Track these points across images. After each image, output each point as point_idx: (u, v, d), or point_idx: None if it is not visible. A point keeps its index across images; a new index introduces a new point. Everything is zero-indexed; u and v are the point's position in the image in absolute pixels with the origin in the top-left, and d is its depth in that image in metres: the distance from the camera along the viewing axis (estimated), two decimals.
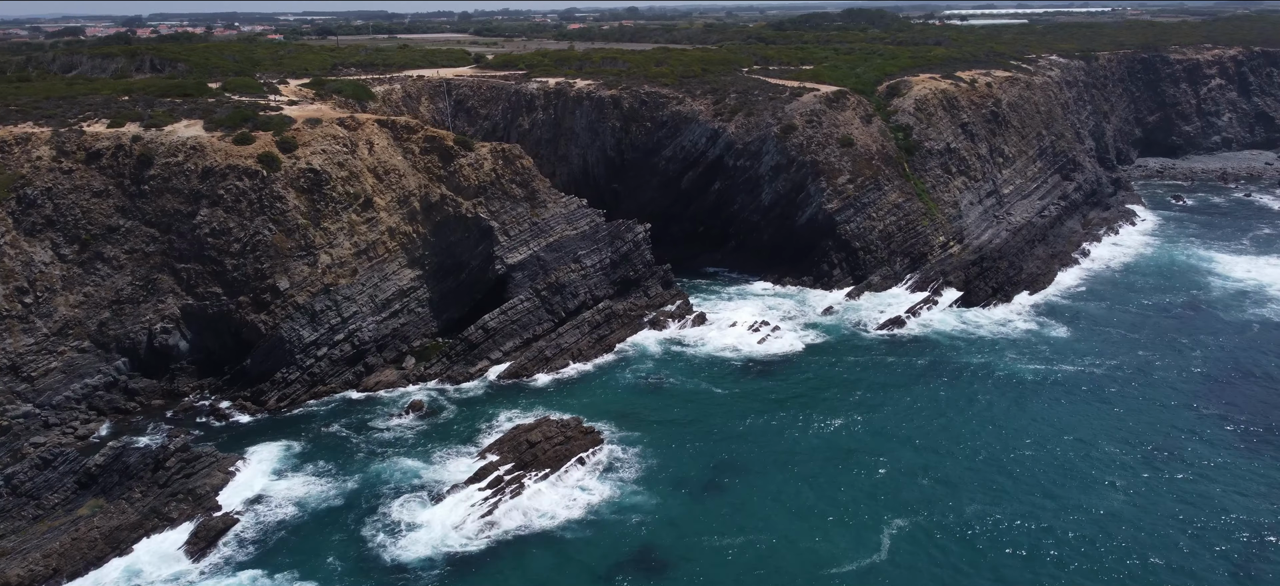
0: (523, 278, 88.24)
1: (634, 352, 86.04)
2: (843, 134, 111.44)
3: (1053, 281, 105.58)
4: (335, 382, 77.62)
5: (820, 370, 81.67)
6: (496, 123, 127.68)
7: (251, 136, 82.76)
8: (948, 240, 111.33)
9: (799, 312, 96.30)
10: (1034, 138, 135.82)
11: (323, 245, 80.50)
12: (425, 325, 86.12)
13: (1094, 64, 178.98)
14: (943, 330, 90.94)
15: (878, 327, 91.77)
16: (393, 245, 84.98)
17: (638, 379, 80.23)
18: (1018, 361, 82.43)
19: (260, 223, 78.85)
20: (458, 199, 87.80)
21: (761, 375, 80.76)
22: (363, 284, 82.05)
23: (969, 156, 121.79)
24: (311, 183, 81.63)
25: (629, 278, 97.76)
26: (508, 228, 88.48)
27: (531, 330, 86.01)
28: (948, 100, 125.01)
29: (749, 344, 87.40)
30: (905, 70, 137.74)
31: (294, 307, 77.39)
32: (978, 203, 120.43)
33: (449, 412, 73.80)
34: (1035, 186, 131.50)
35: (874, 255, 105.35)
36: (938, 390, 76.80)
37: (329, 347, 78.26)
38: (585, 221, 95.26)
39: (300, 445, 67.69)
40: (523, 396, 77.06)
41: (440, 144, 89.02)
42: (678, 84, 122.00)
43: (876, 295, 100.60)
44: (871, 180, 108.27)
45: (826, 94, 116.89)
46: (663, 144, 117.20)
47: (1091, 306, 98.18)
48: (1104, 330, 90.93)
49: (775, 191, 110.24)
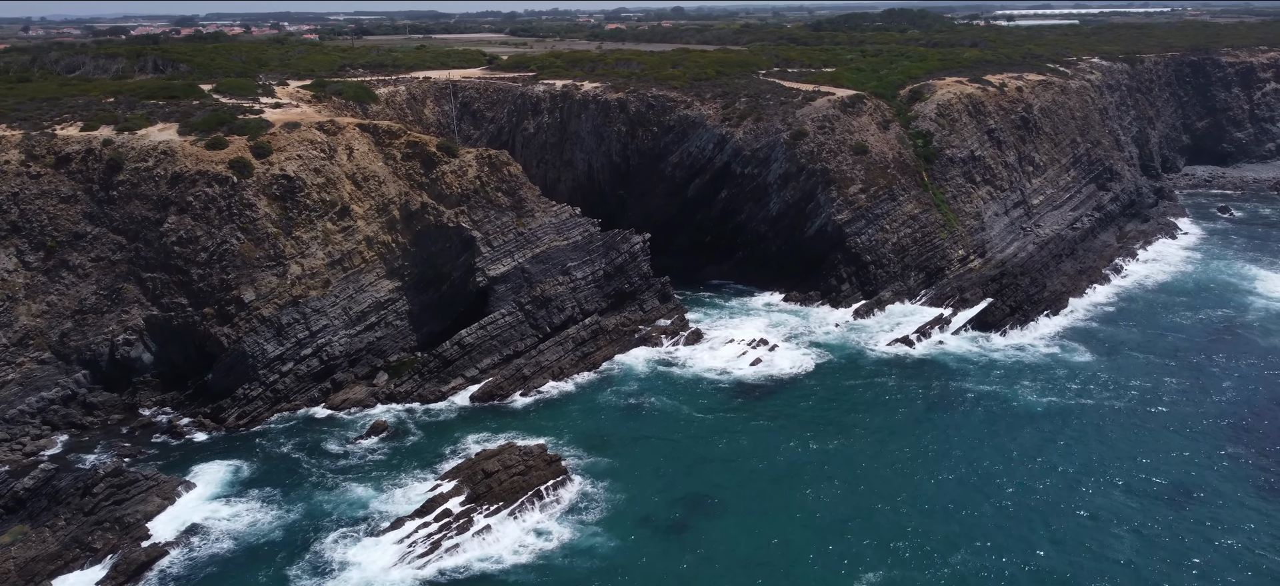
0: (506, 291, 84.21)
1: (619, 372, 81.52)
2: (856, 141, 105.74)
3: (1079, 300, 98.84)
4: (300, 399, 74.26)
5: (814, 396, 76.42)
6: (502, 126, 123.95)
7: (225, 141, 79.84)
8: (967, 254, 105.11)
9: (802, 330, 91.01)
10: (1068, 145, 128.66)
11: (294, 255, 77.24)
12: (404, 339, 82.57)
13: (1139, 67, 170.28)
14: (953, 353, 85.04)
15: (883, 349, 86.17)
16: (370, 255, 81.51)
17: (618, 401, 75.71)
18: (1031, 391, 76.32)
19: (228, 231, 75.83)
20: (439, 207, 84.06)
21: (750, 400, 75.76)
22: (336, 296, 78.65)
23: (995, 165, 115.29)
24: (285, 189, 78.46)
25: (624, 291, 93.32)
26: (491, 238, 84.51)
27: (512, 346, 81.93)
28: (974, 105, 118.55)
29: (742, 365, 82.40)
30: (932, 73, 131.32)
31: (259, 321, 74.16)
32: (1003, 214, 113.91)
33: (414, 435, 69.97)
34: (1068, 197, 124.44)
35: (886, 269, 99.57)
36: (939, 424, 71.16)
37: (295, 363, 74.91)
38: (578, 231, 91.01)
39: (250, 468, 64.31)
40: (495, 418, 73.01)
41: (423, 150, 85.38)
42: (687, 87, 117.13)
43: (886, 312, 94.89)
44: (885, 190, 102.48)
45: (842, 98, 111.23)
46: (669, 149, 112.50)
47: (1118, 329, 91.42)
48: (1129, 356, 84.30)
49: (783, 201, 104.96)
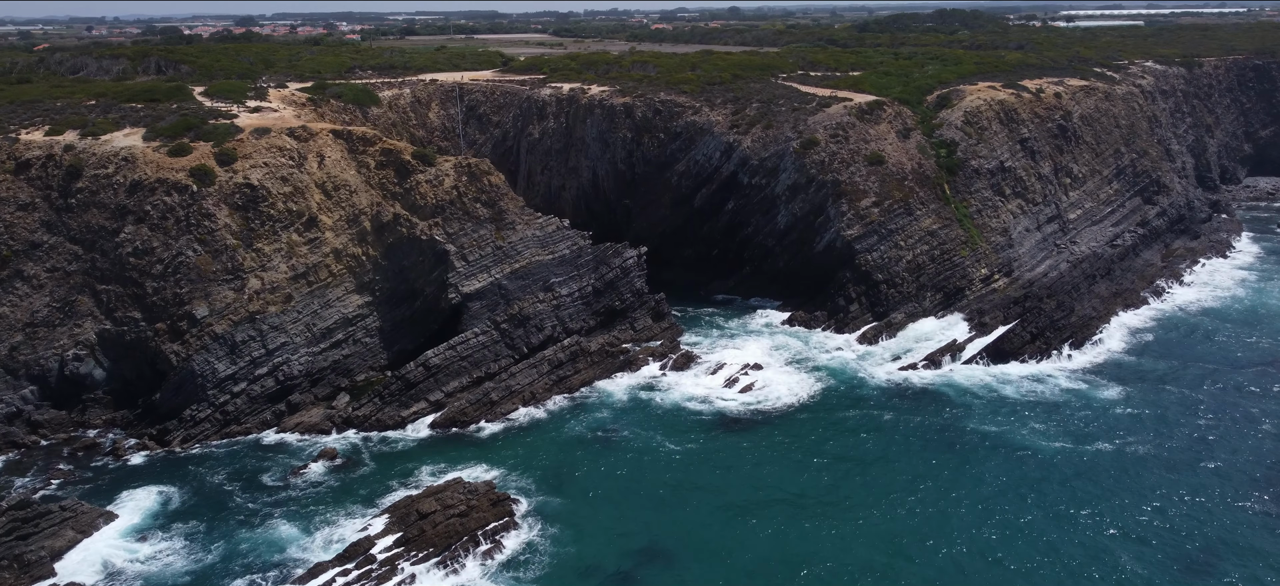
0: (480, 308, 79.44)
1: (596, 398, 76.17)
2: (872, 150, 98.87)
3: (1110, 326, 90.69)
4: (252, 422, 70.30)
5: (802, 429, 70.19)
6: (507, 131, 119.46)
7: (188, 147, 76.38)
8: (991, 273, 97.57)
9: (803, 355, 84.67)
10: (1111, 155, 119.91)
11: (253, 268, 73.40)
12: (373, 357, 78.34)
13: (1197, 71, 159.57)
14: (962, 384, 77.99)
15: (886, 377, 79.48)
16: (338, 268, 77.39)
17: (589, 431, 70.36)
18: (1044, 433, 69.04)
19: (185, 242, 72.26)
20: (412, 219, 79.65)
21: (731, 434, 69.83)
22: (299, 311, 74.64)
23: (1027, 176, 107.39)
24: (247, 199, 74.70)
25: (614, 308, 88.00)
26: (466, 252, 79.82)
27: (485, 368, 77.10)
28: (1006, 112, 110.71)
29: (729, 394, 76.47)
30: (964, 78, 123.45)
31: (211, 338, 70.39)
32: (1035, 229, 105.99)
33: (364, 465, 65.47)
34: (1109, 211, 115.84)
35: (899, 289, 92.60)
36: (935, 467, 64.46)
37: (248, 383, 70.99)
38: (565, 245, 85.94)
39: (181, 498, 60.36)
40: (456, 447, 68.22)
41: (397, 158, 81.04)
42: (698, 91, 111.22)
43: (897, 337, 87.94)
44: (901, 203, 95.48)
45: (859, 105, 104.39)
46: (676, 157, 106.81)
47: (1152, 360, 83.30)
48: (1161, 392, 76.35)
49: (792, 214, 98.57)
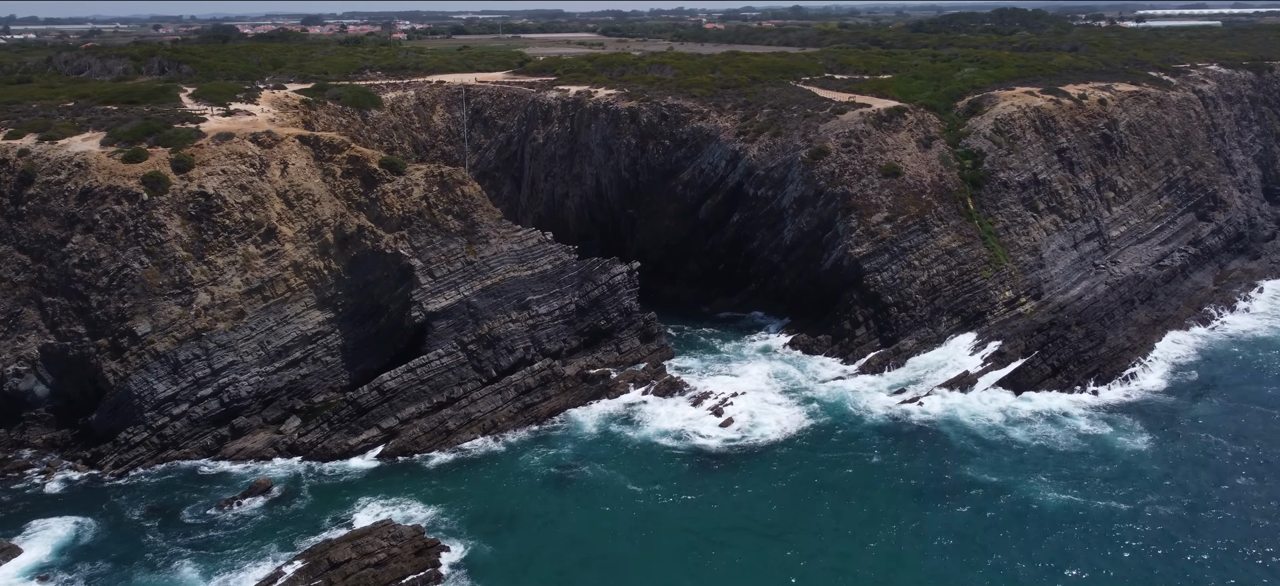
0: (446, 327, 74.42)
1: (563, 429, 70.57)
2: (888, 160, 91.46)
3: (1147, 358, 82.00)
4: (192, 446, 66.22)
5: (780, 473, 63.62)
6: (512, 135, 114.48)
7: (144, 153, 72.70)
8: (1017, 295, 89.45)
9: (800, 383, 77.98)
10: (1161, 167, 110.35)
11: (204, 282, 69.38)
12: (334, 377, 73.89)
13: (1267, 75, 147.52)
14: (967, 423, 70.49)
15: (884, 411, 72.38)
16: (298, 283, 73.06)
17: (547, 467, 64.78)
18: (1049, 484, 61.37)
19: (132, 254, 68.52)
20: (377, 231, 74.99)
21: (702, 474, 63.61)
22: (252, 328, 70.45)
23: (1063, 189, 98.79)
24: (201, 208, 70.75)
25: (599, 327, 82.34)
26: (433, 267, 74.86)
27: (447, 392, 72.00)
28: (1042, 119, 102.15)
29: (710, 426, 70.21)
30: (1001, 82, 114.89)
31: (152, 356, 66.47)
32: (1071, 247, 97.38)
33: (300, 499, 60.86)
34: (1157, 228, 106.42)
35: (911, 313, 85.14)
36: (917, 524, 57.39)
37: (190, 404, 66.93)
38: (547, 260, 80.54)
39: (95, 532, 56.38)
40: (402, 479, 63.25)
41: (363, 166, 76.45)
42: (709, 95, 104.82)
43: (906, 365, 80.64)
44: (916, 219, 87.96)
45: (877, 111, 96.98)
46: (681, 165, 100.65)
47: (1189, 399, 74.66)
48: (1195, 438, 67.92)
49: (798, 228, 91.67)
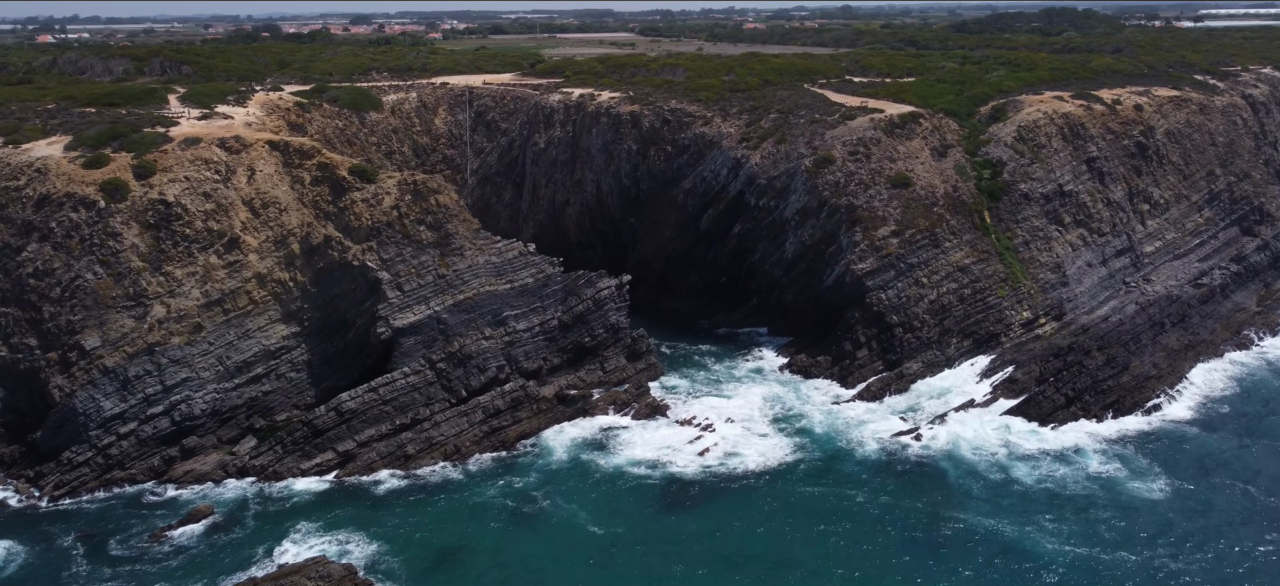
0: (414, 344, 70.69)
1: (532, 455, 66.40)
2: (897, 170, 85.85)
3: (1175, 388, 75.47)
4: (139, 467, 63.26)
5: (756, 510, 58.70)
6: (514, 139, 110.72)
7: (106, 158, 70.11)
8: (1036, 316, 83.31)
9: (793, 408, 72.92)
10: (1202, 178, 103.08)
11: (160, 294, 66.44)
12: (299, 394, 70.61)
13: None
14: (968, 458, 64.85)
15: (878, 443, 67.01)
16: (261, 295, 69.87)
17: (505, 498, 60.65)
18: (1052, 534, 55.56)
19: (86, 264, 65.81)
20: (345, 242, 71.55)
21: (671, 510, 58.98)
22: (210, 343, 67.37)
23: (1092, 201, 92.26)
24: (161, 217, 67.89)
25: (583, 345, 78.14)
26: (402, 280, 71.18)
27: (412, 413, 68.26)
28: (1070, 126, 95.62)
29: (687, 456, 65.50)
30: (1030, 86, 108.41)
31: (100, 371, 63.61)
32: (1099, 264, 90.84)
33: (241, 526, 57.52)
34: (1196, 243, 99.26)
35: (918, 334, 79.50)
36: (903, 573, 52.18)
37: (139, 423, 63.97)
38: (529, 273, 76.52)
39: (19, 563, 53.50)
40: (348, 506, 59.60)
41: (332, 173, 73.08)
42: (714, 99, 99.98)
43: (906, 392, 75.08)
44: (926, 233, 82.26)
45: (890, 117, 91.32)
46: (683, 172, 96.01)
47: (1218, 435, 68.11)
48: (1221, 486, 61.44)
49: (800, 241, 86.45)
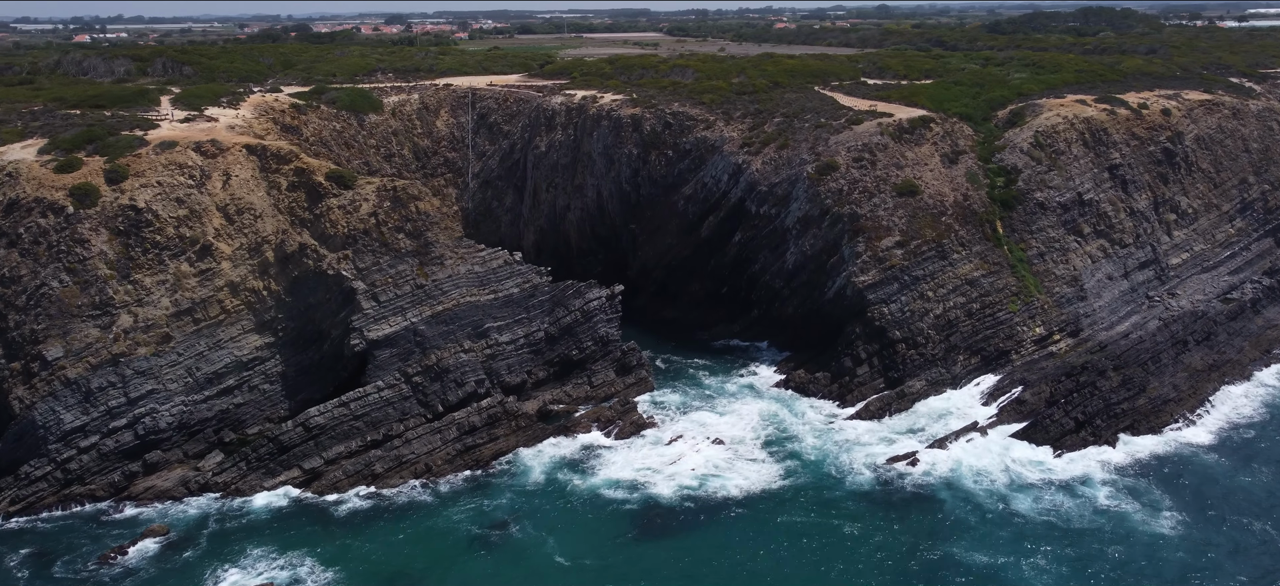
0: (389, 357, 68.17)
1: (507, 474, 63.54)
2: (905, 178, 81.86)
3: (1196, 412, 70.81)
4: (99, 483, 61.34)
5: (737, 540, 55.32)
6: (515, 142, 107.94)
7: (78, 162, 68.36)
8: (1050, 332, 78.95)
9: (784, 429, 69.40)
10: (1235, 186, 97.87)
11: (127, 303, 64.50)
12: (272, 406, 68.42)
13: None
14: (967, 487, 60.91)
15: (872, 471, 63.23)
16: (234, 304, 67.75)
17: (474, 521, 57.82)
18: (1050, 574, 51.53)
19: (52, 271, 64.00)
20: (320, 250, 69.24)
21: (644, 537, 55.82)
22: (179, 353, 65.36)
23: (1114, 211, 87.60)
24: (131, 223, 65.97)
25: (571, 358, 75.23)
26: (377, 290, 68.70)
27: (385, 429, 65.75)
28: (1092, 132, 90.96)
29: (665, 478, 62.26)
30: (1053, 89, 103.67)
31: (62, 383, 61.75)
32: (1120, 277, 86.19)
33: (195, 546, 55.35)
34: (1226, 255, 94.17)
35: (922, 351, 75.54)
36: None
37: (100, 436, 62.04)
38: (514, 282, 73.80)
39: None
40: (309, 528, 57.20)
41: (308, 179, 70.78)
42: (718, 102, 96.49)
43: (907, 411, 71.22)
44: (932, 244, 78.23)
45: (898, 121, 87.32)
46: (684, 178, 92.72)
47: (1238, 470, 63.32)
48: (1239, 524, 56.88)
49: (801, 251, 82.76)
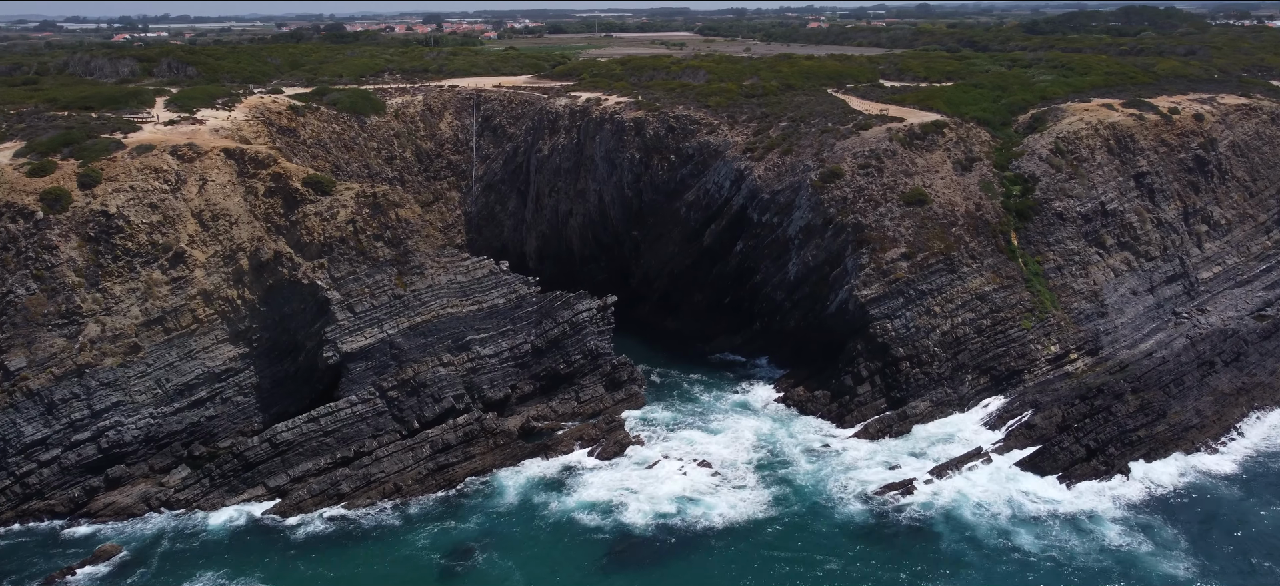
0: (364, 370, 65.67)
1: (479, 496, 60.70)
2: (913, 186, 77.84)
3: (1219, 440, 66.10)
4: (59, 498, 59.49)
5: (713, 576, 51.98)
6: (519, 145, 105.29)
7: (52, 166, 66.78)
8: (1066, 350, 74.52)
9: (777, 452, 65.83)
10: (1272, 196, 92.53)
11: (95, 312, 62.67)
12: (246, 419, 66.29)
13: None
14: (967, 519, 56.96)
15: (865, 500, 59.47)
16: (207, 313, 65.69)
17: (439, 548, 55.05)
18: None
19: (19, 278, 62.30)
20: (295, 258, 66.95)
21: (615, 569, 52.70)
22: (148, 364, 63.40)
23: (1140, 222, 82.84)
24: (102, 229, 64.15)
25: (558, 372, 72.30)
26: (353, 301, 66.24)
27: (356, 446, 63.28)
28: (1118, 138, 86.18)
29: (643, 503, 58.99)
30: (1080, 92, 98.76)
31: (24, 394, 59.97)
32: (1145, 292, 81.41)
33: (144, 566, 53.28)
34: (1262, 269, 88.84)
35: (927, 369, 71.51)
36: None
37: (62, 449, 60.19)
38: (499, 293, 71.07)
39: None
40: (264, 552, 54.83)
41: (285, 185, 68.54)
42: (724, 104, 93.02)
43: (908, 434, 67.34)
44: (940, 256, 74.17)
45: (909, 126, 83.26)
46: (686, 184, 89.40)
47: (1263, 508, 58.50)
48: (1261, 570, 52.49)
49: (804, 262, 79.05)
